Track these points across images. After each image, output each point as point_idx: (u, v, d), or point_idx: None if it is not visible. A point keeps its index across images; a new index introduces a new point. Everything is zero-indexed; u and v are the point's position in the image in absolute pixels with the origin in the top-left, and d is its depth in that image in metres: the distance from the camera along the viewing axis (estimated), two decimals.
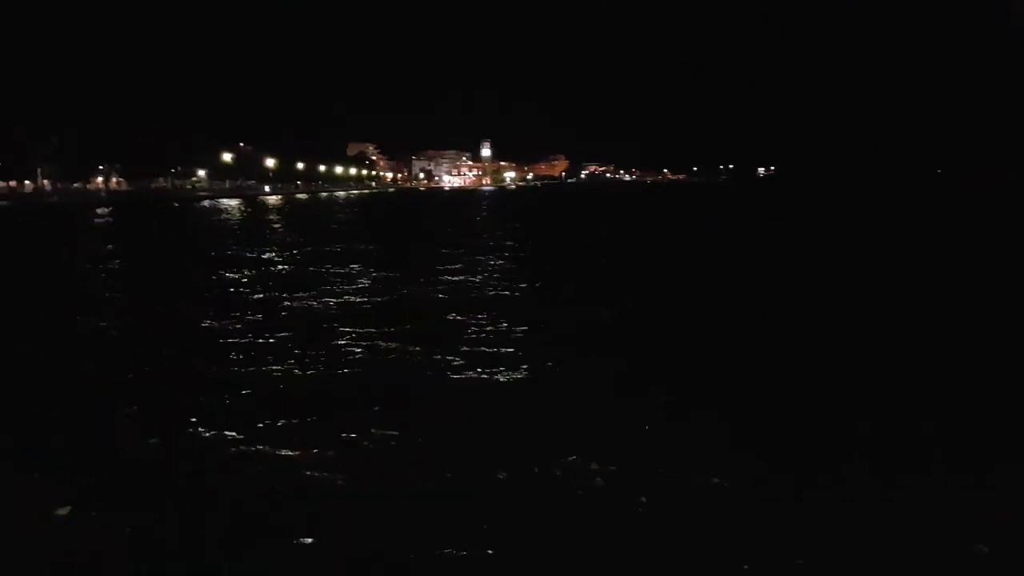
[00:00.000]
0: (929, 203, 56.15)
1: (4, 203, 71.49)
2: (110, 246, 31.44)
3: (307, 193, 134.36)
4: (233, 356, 10.30)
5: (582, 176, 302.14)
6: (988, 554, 4.74)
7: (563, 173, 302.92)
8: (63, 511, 5.64)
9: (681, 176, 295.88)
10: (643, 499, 5.51)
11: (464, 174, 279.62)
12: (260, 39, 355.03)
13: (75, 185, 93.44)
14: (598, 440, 6.68)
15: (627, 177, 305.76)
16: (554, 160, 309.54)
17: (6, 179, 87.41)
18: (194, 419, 7.54)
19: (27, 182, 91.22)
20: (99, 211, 67.80)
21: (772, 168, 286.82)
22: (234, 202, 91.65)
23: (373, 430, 7.07)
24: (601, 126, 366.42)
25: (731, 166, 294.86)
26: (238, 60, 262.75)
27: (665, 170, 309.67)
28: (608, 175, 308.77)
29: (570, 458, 6.24)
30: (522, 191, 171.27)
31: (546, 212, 63.15)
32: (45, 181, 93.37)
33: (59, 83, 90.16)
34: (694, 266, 21.05)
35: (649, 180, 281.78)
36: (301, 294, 15.81)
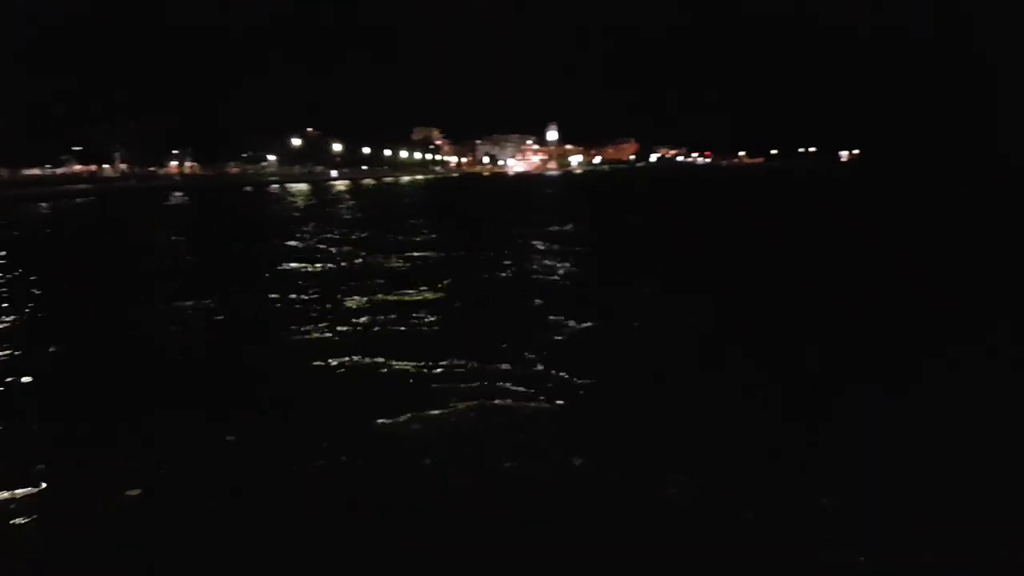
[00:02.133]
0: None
1: (84, 186, 73.74)
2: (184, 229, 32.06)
3: (373, 178, 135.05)
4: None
5: (652, 159, 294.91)
6: None
7: (632, 156, 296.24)
8: (133, 492, 5.82)
9: (759, 159, 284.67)
10: None
11: (529, 158, 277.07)
12: (328, 28, 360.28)
13: (151, 169, 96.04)
14: None
15: (700, 161, 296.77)
16: (623, 143, 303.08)
17: (86, 163, 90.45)
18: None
19: (106, 166, 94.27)
20: (175, 194, 69.34)
21: (856, 151, 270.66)
22: (302, 187, 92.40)
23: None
24: (673, 108, 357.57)
25: (812, 149, 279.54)
26: (309, 48, 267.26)
27: (741, 153, 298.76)
28: (680, 158, 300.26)
29: None
30: (588, 175, 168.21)
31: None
32: (123, 165, 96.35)
33: (138, 70, 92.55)
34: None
35: (724, 163, 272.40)
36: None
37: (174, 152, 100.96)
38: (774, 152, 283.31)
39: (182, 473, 6.31)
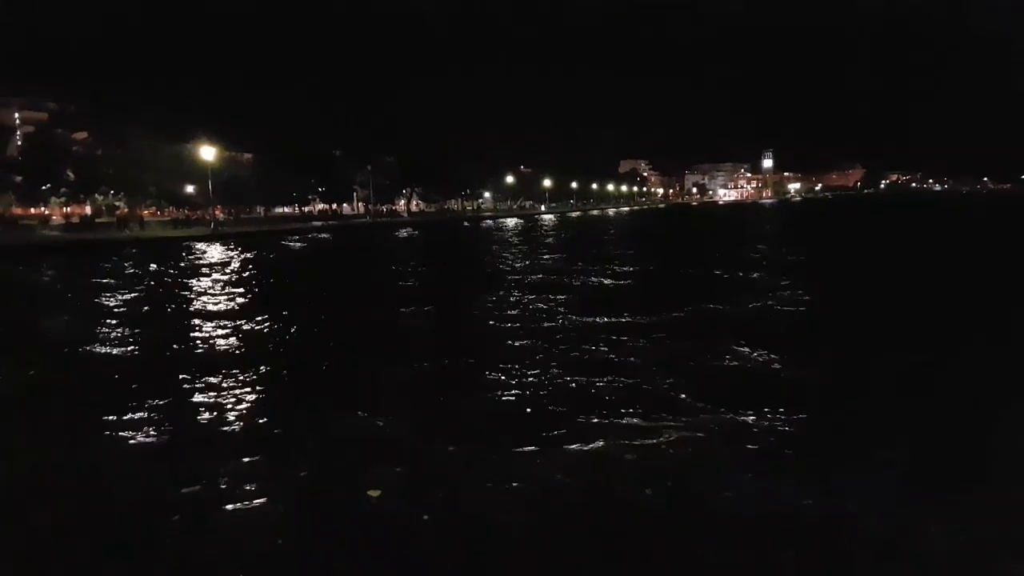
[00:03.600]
0: None
1: (323, 223, 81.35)
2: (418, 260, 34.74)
3: (579, 211, 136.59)
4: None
5: (881, 186, 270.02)
6: None
7: (858, 183, 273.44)
8: (374, 493, 6.04)
9: (1007, 185, 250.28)
10: None
11: (741, 187, 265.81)
12: (541, 72, 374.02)
13: (383, 207, 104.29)
14: None
15: (937, 187, 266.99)
16: (848, 169, 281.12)
17: (329, 202, 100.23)
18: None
19: (345, 205, 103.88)
20: (404, 230, 74.39)
21: None
22: (513, 221, 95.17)
23: None
24: (902, 128, 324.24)
25: None
26: (521, 90, 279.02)
27: (985, 178, 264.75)
28: (913, 184, 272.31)
29: None
30: (809, 202, 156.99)
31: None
32: (359, 204, 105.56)
33: (375, 113, 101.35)
34: None
35: (965, 190, 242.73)
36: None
37: (403, 191, 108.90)
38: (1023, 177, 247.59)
39: None
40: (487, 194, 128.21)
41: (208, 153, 63.43)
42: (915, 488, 6.28)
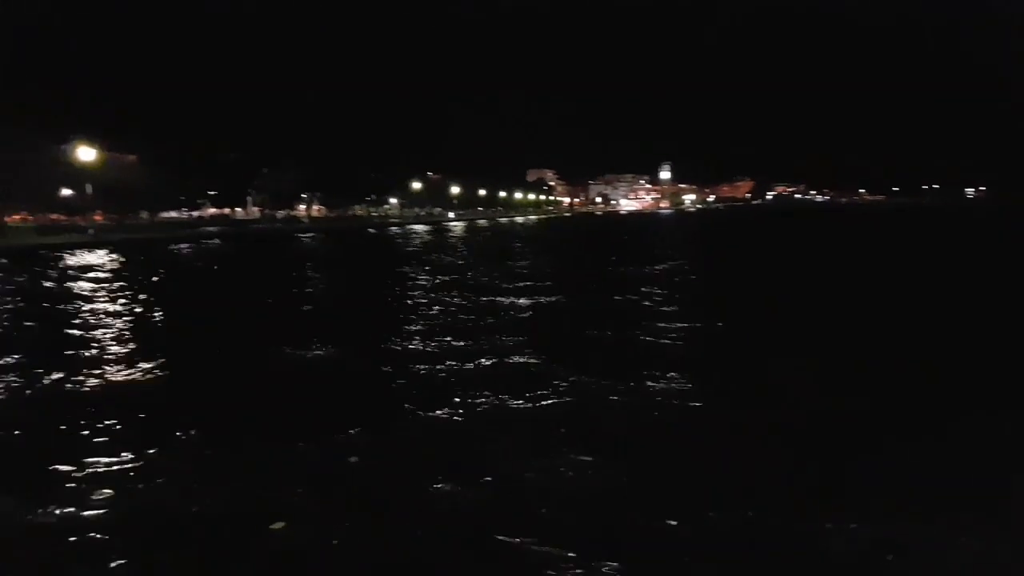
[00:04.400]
0: None
1: (216, 228, 76.62)
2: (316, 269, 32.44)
3: (487, 219, 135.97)
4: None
5: (768, 197, 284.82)
6: None
7: (748, 195, 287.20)
8: (277, 526, 5.61)
9: (881, 197, 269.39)
10: None
11: (641, 197, 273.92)
12: (450, 73, 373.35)
13: (280, 213, 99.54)
14: None
15: (819, 198, 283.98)
16: (738, 181, 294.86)
17: (220, 206, 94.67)
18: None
19: (239, 209, 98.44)
20: (304, 236, 70.88)
21: (982, 188, 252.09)
22: (422, 228, 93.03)
23: None
24: (788, 145, 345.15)
25: (935, 186, 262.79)
26: (428, 93, 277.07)
27: (862, 190, 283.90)
28: (797, 195, 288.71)
29: None
30: (702, 213, 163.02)
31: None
32: (255, 208, 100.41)
33: (271, 117, 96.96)
34: None
35: (844, 201, 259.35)
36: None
37: (302, 196, 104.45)
38: (895, 189, 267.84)
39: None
40: (393, 200, 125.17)
41: (87, 154, 58.18)
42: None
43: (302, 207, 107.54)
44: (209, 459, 7.18)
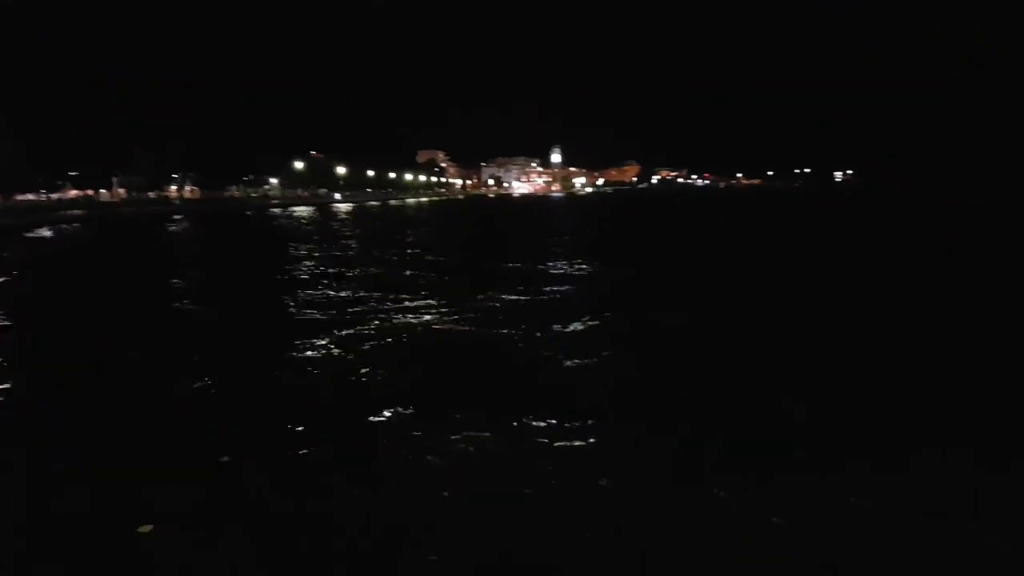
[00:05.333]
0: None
1: (78, 212, 70.70)
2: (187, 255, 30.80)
3: (377, 201, 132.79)
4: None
5: (653, 181, 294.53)
6: None
7: (634, 179, 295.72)
8: (145, 529, 5.43)
9: (757, 180, 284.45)
10: None
11: (533, 180, 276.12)
12: (332, 48, 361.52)
13: (150, 194, 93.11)
14: None
15: (700, 182, 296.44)
16: (625, 166, 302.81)
17: (82, 188, 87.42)
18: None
19: (103, 191, 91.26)
20: (174, 219, 66.60)
21: (850, 172, 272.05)
22: (306, 210, 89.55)
23: None
24: (671, 131, 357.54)
25: (807, 170, 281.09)
26: (311, 69, 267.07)
27: (739, 175, 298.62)
28: (680, 180, 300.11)
29: None
30: (593, 197, 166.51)
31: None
32: (121, 190, 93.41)
33: (137, 94, 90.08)
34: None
35: (722, 185, 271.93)
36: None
37: (173, 176, 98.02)
38: (770, 173, 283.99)
39: None
40: (273, 180, 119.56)
41: None
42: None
43: (173, 188, 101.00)
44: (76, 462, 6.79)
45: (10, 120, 69.96)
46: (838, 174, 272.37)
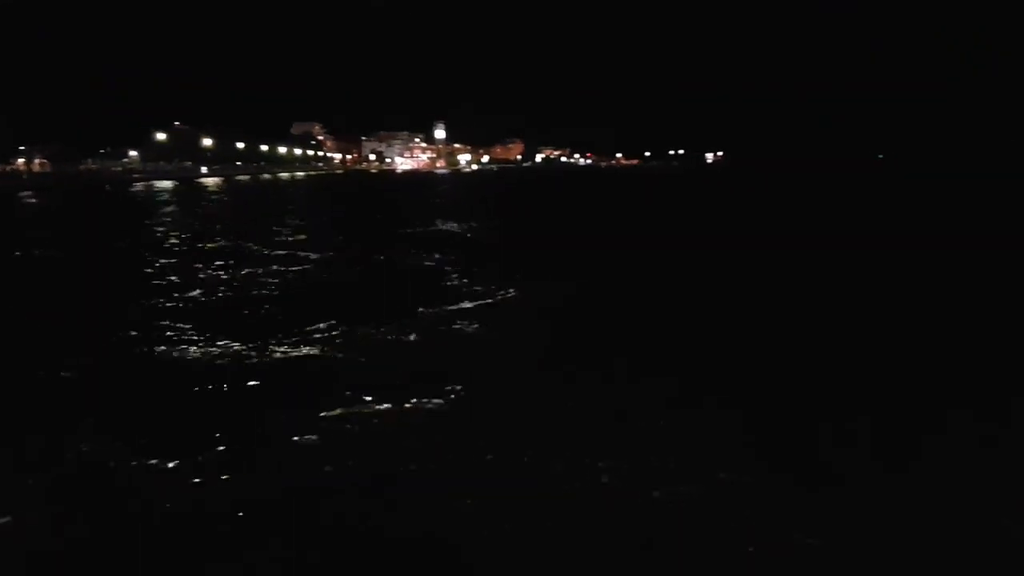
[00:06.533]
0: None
1: None
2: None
3: (248, 175, 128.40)
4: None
5: (537, 160, 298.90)
6: None
7: (519, 157, 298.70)
8: (2, 520, 5.43)
9: (635, 161, 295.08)
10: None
11: (417, 156, 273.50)
12: (198, 11, 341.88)
13: None
14: None
15: (582, 161, 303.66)
16: (510, 144, 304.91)
17: None
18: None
19: None
20: (23, 196, 62.77)
21: (720, 154, 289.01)
22: (169, 184, 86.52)
23: None
24: (555, 110, 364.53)
25: (681, 151, 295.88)
26: (173, 33, 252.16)
27: (619, 155, 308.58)
28: (564, 159, 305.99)
29: None
30: (480, 174, 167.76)
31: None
32: None
33: None
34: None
35: (604, 165, 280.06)
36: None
37: (20, 148, 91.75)
38: (648, 154, 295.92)
39: None
40: (133, 153, 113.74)
41: None
42: None
43: (21, 161, 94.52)
44: None
45: None
46: (709, 156, 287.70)
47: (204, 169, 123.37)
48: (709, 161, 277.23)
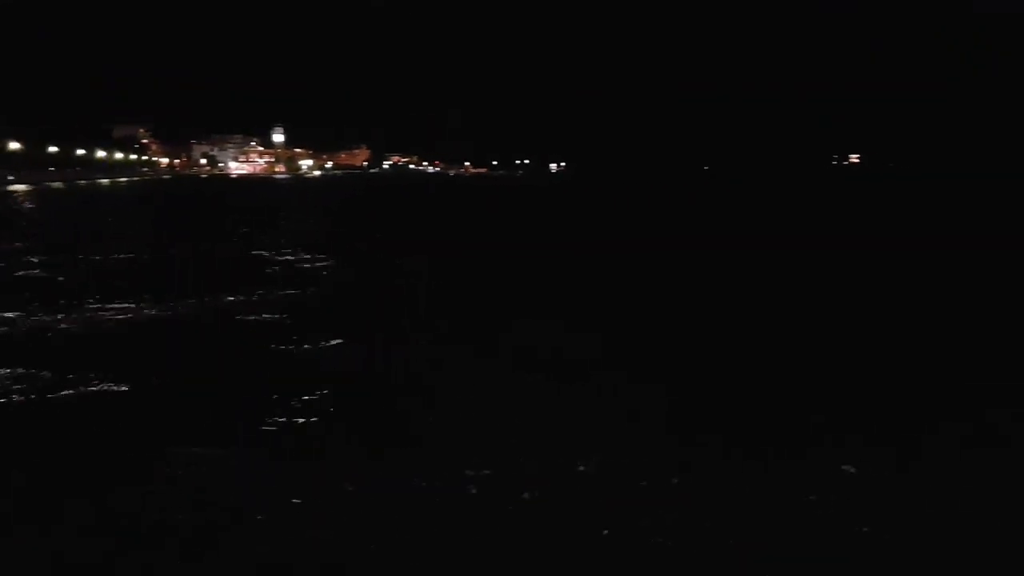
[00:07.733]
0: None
1: None
2: None
3: (63, 181, 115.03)
4: None
5: (384, 166, 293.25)
6: None
7: (365, 163, 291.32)
8: None
9: (483, 169, 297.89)
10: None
11: (253, 161, 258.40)
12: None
13: None
14: None
15: (430, 169, 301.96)
16: (355, 149, 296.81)
17: None
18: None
19: None
20: None
21: (563, 164, 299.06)
22: None
23: None
24: (404, 118, 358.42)
25: (527, 161, 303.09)
26: None
27: (467, 163, 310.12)
28: (412, 166, 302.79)
29: None
30: (322, 180, 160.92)
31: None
32: None
33: None
34: None
35: (452, 173, 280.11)
36: None
37: None
38: (495, 163, 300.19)
39: None
40: None
41: None
42: None
43: None
44: None
45: None
46: (553, 165, 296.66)
47: (11, 176, 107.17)
48: (553, 171, 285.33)
